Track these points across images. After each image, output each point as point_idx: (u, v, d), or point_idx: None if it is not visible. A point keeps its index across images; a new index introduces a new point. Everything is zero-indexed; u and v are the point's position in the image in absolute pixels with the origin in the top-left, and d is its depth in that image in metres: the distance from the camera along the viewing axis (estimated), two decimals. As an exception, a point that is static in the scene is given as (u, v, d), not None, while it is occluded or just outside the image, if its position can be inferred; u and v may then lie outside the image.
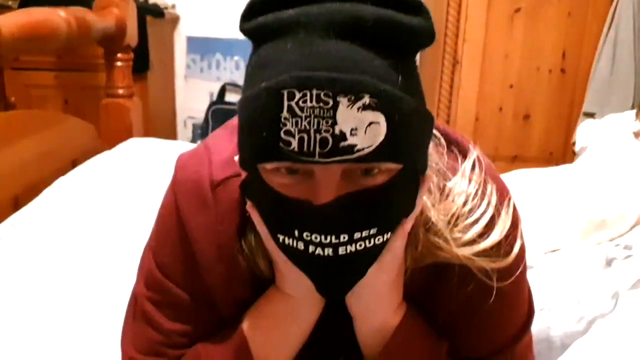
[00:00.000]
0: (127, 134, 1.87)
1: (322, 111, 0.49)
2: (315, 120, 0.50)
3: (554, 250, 1.39)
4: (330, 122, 0.50)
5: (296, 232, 0.56)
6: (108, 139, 1.84)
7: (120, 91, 1.89)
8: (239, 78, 3.13)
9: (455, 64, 2.62)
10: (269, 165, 0.55)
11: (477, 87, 2.65)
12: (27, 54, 2.31)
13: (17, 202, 1.41)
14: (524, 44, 2.61)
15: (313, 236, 0.56)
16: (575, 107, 2.67)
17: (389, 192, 0.56)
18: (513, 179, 1.59)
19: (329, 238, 0.55)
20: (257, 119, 0.52)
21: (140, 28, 2.03)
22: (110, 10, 1.79)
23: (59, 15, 1.49)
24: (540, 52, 2.62)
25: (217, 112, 3.07)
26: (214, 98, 3.15)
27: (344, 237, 0.55)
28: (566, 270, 1.30)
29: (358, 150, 0.51)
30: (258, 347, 0.70)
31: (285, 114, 0.50)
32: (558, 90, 2.67)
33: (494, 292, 0.68)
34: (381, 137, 0.51)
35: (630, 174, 1.49)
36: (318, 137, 0.50)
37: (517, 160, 2.67)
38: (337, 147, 0.50)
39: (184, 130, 3.25)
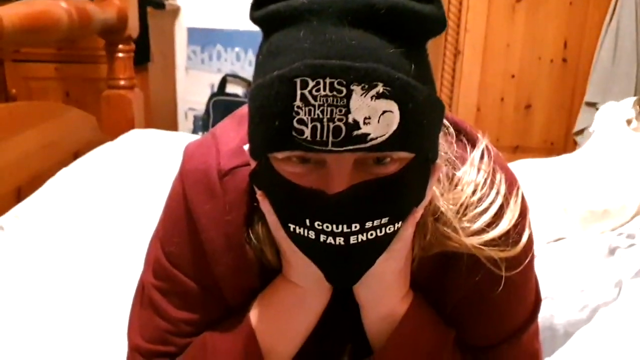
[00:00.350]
0: (128, 126, 1.87)
1: (335, 100, 0.49)
2: (329, 109, 0.49)
3: (557, 240, 1.39)
4: (343, 110, 0.49)
5: (307, 222, 0.56)
6: (109, 130, 1.84)
7: (122, 82, 1.89)
8: (240, 69, 3.12)
9: (457, 54, 2.62)
10: (281, 155, 0.55)
11: (478, 77, 2.65)
12: (28, 46, 2.29)
13: (20, 194, 1.42)
14: (525, 33, 2.61)
15: (325, 225, 0.55)
16: (576, 97, 2.67)
17: (401, 181, 0.55)
18: (515, 169, 1.58)
19: (340, 227, 0.55)
20: (269, 107, 0.51)
21: (141, 19, 2.02)
22: (111, 2, 1.78)
23: (60, 7, 1.48)
24: (542, 42, 2.62)
25: (218, 104, 3.06)
26: (215, 89, 3.14)
27: (355, 227, 0.55)
28: (569, 259, 1.30)
29: (371, 139, 0.50)
30: (265, 336, 0.70)
31: (298, 102, 0.49)
32: (560, 80, 2.67)
33: (502, 282, 0.68)
34: (394, 126, 0.51)
35: (630, 163, 1.49)
36: (331, 125, 0.49)
37: (519, 151, 2.67)
38: (351, 136, 0.50)
39: (185, 121, 3.24)
